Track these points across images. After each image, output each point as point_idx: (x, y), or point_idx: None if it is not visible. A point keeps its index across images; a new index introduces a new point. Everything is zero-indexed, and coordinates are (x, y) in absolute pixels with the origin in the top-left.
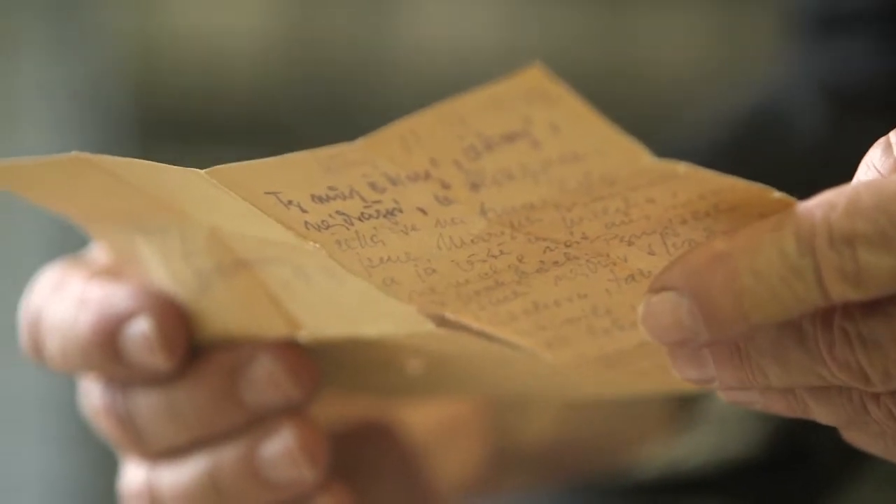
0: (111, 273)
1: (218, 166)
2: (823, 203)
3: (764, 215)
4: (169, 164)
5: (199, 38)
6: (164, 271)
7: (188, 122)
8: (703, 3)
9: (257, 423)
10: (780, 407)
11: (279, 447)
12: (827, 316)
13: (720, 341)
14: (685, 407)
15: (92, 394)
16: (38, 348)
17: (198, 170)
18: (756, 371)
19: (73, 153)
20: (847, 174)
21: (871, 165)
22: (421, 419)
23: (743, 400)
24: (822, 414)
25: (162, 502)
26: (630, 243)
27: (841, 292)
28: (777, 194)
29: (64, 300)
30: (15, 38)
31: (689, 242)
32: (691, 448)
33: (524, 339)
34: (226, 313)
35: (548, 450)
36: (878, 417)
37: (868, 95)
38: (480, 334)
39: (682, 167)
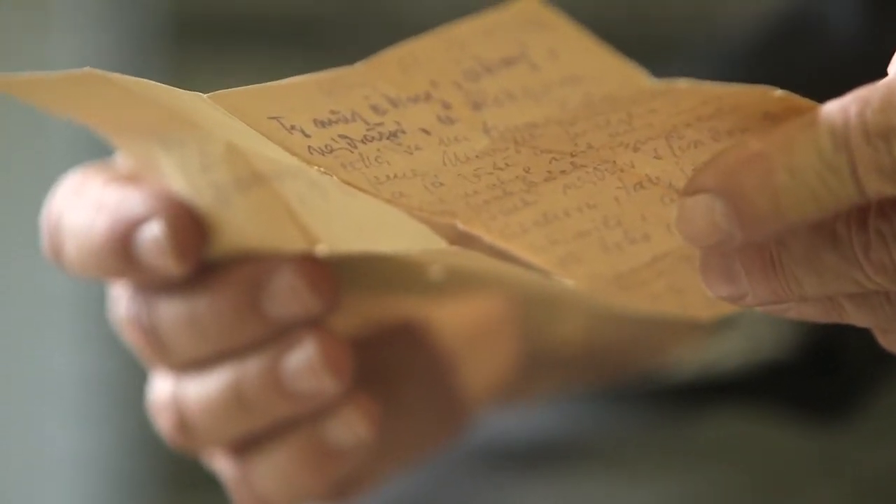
0: (131, 179)
1: (220, 91)
2: (858, 99)
3: (768, 114)
4: (206, 65)
5: None
6: (183, 184)
7: (224, 21)
8: None
9: (280, 335)
10: (816, 314)
11: (302, 359)
12: (862, 218)
13: (755, 242)
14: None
15: (119, 303)
16: (57, 252)
17: (202, 94)
18: (791, 280)
19: (87, 69)
20: (885, 74)
21: None
22: (450, 322)
23: (777, 311)
24: (858, 318)
25: (188, 414)
26: (636, 149)
27: (877, 188)
28: (779, 92)
29: (82, 205)
30: None
31: (694, 144)
32: (723, 352)
33: (537, 255)
34: (244, 227)
35: (580, 352)
36: None
37: None
38: (493, 252)
39: (682, 83)
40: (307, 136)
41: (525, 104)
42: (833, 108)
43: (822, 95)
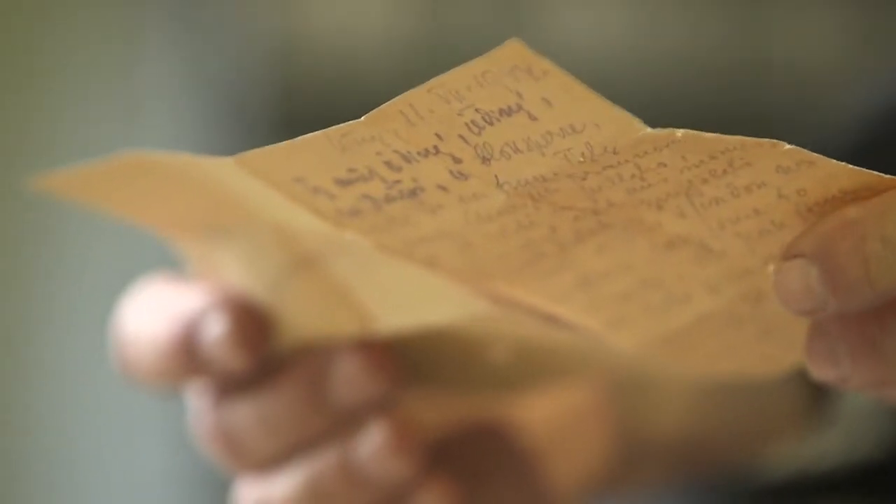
0: (190, 280)
1: (244, 153)
2: None
3: (781, 167)
4: None
5: (335, 34)
6: (240, 275)
7: (321, 119)
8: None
9: (347, 423)
10: None
11: (370, 445)
12: None
13: (850, 313)
14: (817, 406)
15: (194, 417)
16: (127, 366)
17: (228, 159)
18: (892, 363)
19: (127, 152)
20: None
21: None
22: (538, 416)
23: (880, 395)
24: None
25: None
26: (659, 207)
27: None
28: (787, 146)
29: (143, 313)
30: (138, 33)
31: (715, 201)
32: (822, 449)
33: (584, 319)
34: (303, 313)
35: (678, 442)
36: None
37: None
38: (540, 316)
39: (680, 132)
40: (332, 197)
41: (530, 157)
42: None
43: None
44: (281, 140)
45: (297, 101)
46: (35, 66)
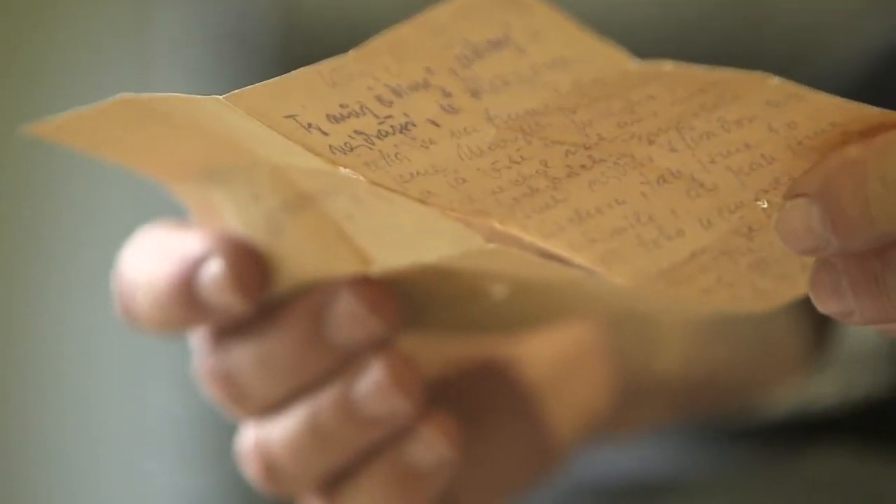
0: (191, 225)
1: (235, 91)
2: None
3: (771, 101)
4: None
5: None
6: (238, 219)
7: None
8: None
9: (347, 363)
10: None
11: (370, 383)
12: None
13: (853, 252)
14: (818, 345)
15: (196, 359)
16: (128, 311)
17: (219, 97)
18: (895, 300)
19: (120, 95)
20: None
21: None
22: (538, 354)
23: (886, 330)
24: None
25: (272, 458)
26: (650, 142)
27: None
28: (776, 80)
29: (144, 258)
30: None
31: (706, 135)
32: (821, 389)
33: (577, 254)
34: (300, 255)
35: (679, 383)
36: None
37: None
38: (534, 251)
39: (668, 65)
40: (325, 133)
41: (519, 90)
42: None
43: None
44: None
45: (306, 51)
46: (45, 20)
